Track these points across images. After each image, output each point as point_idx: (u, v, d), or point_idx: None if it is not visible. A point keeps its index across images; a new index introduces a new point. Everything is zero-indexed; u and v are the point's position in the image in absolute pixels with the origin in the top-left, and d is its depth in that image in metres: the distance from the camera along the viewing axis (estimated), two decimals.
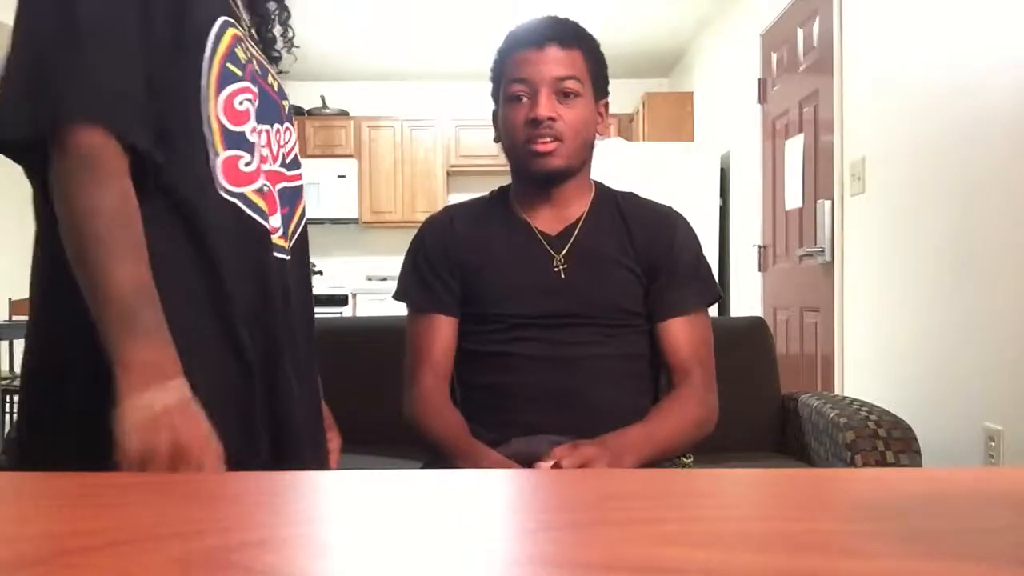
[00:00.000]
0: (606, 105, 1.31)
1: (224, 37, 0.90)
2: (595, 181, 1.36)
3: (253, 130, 0.93)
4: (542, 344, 1.22)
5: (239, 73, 0.92)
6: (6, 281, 4.39)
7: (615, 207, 1.33)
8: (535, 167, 1.24)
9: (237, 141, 0.90)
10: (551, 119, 1.21)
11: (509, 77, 1.25)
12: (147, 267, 0.79)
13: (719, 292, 1.35)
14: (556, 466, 1.03)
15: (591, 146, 1.29)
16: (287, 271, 0.96)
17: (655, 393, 1.35)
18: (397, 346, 1.34)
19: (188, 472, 0.71)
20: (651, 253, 1.28)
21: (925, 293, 2.46)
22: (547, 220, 1.30)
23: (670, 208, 1.37)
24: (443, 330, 1.28)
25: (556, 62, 1.22)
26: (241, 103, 0.91)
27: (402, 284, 1.35)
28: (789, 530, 0.48)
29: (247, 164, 0.91)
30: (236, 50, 0.92)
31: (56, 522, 0.50)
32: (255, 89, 0.94)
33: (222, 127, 0.89)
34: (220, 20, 0.90)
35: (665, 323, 1.27)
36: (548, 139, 1.22)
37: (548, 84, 1.21)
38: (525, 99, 1.23)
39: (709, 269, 1.35)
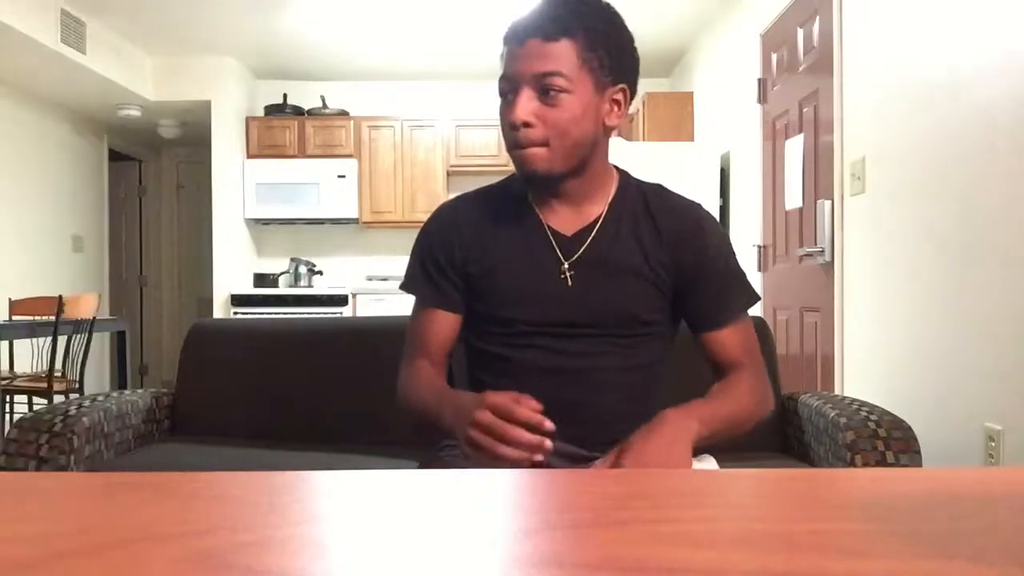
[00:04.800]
0: (624, 92, 1.21)
1: None
2: (619, 170, 1.29)
3: None
4: (548, 353, 1.20)
5: None
6: (6, 281, 4.39)
7: (642, 204, 1.25)
8: (521, 170, 1.19)
9: None
10: (527, 124, 1.13)
11: (501, 73, 1.17)
12: None
13: (756, 293, 1.29)
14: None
15: (594, 141, 1.19)
16: None
17: (665, 396, 1.33)
18: (397, 346, 1.34)
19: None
20: (682, 256, 1.22)
21: (925, 293, 2.46)
22: (562, 218, 1.24)
23: (699, 205, 1.29)
24: (443, 324, 1.27)
25: (537, 57, 1.12)
26: None
27: (409, 275, 1.31)
28: (789, 530, 0.48)
29: None
30: None
31: (56, 522, 0.49)
32: None
33: None
34: None
35: (711, 334, 1.24)
36: (530, 144, 1.14)
37: (528, 82, 1.13)
38: (510, 97, 1.15)
39: (742, 270, 1.29)
